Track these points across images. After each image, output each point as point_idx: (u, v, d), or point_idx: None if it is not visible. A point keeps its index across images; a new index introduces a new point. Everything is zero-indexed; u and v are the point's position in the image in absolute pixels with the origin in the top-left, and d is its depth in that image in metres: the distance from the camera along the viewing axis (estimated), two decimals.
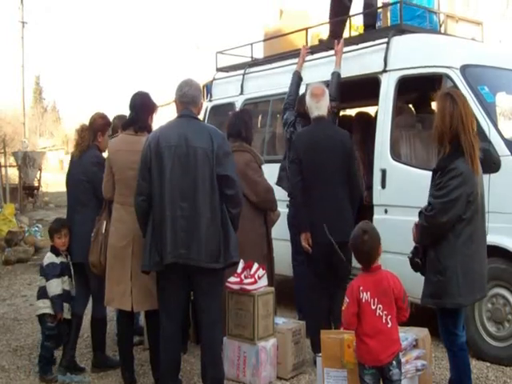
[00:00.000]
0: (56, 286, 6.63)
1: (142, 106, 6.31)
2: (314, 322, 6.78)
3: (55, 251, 6.82)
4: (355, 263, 5.63)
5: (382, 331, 4.77)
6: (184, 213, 5.38)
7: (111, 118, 7.38)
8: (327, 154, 6.91)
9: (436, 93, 5.63)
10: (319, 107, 7.05)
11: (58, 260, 6.75)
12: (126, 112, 6.42)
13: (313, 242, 6.80)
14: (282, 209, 8.11)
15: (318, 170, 6.88)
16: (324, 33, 9.88)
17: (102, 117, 7.27)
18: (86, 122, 7.24)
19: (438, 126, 5.24)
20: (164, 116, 7.28)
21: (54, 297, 6.63)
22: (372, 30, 8.98)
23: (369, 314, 4.77)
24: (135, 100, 6.31)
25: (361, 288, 4.81)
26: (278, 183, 8.36)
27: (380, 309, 4.76)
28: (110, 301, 6.23)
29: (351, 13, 9.49)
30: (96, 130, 7.13)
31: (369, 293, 4.78)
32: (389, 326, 4.78)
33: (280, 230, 7.89)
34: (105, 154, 6.80)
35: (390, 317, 4.78)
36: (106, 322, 7.10)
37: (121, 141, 6.29)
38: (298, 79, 8.67)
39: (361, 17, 9.35)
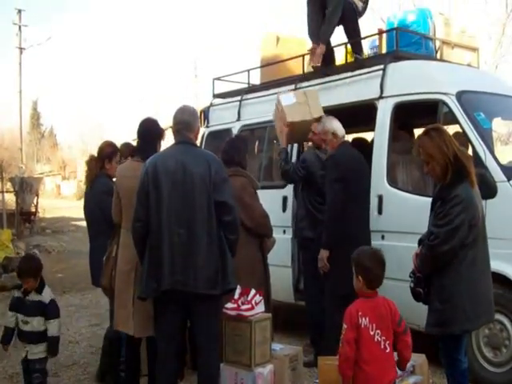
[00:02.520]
0: (8, 318, 6.57)
1: (149, 133, 6.34)
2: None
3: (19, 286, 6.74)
4: None
5: (380, 357, 4.75)
6: (181, 239, 5.37)
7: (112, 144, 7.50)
8: (364, 174, 7.37)
9: (433, 118, 5.67)
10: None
11: (16, 294, 6.68)
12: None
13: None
14: (279, 234, 8.12)
15: (358, 189, 7.24)
16: None
17: (109, 145, 7.51)
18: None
19: (439, 160, 5.25)
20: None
21: (4, 327, 6.62)
22: (359, 57, 9.05)
23: (367, 340, 4.74)
24: (142, 127, 6.36)
25: (359, 313, 4.77)
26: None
27: (378, 334, 4.74)
28: (116, 324, 6.25)
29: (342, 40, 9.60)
30: (103, 158, 7.35)
31: (367, 318, 4.76)
32: (387, 351, 4.76)
33: (278, 256, 7.88)
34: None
35: (388, 342, 4.76)
36: (119, 341, 7.08)
37: (126, 167, 6.36)
38: (286, 155, 8.39)
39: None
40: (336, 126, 7.38)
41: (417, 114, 8.88)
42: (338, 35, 9.67)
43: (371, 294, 4.88)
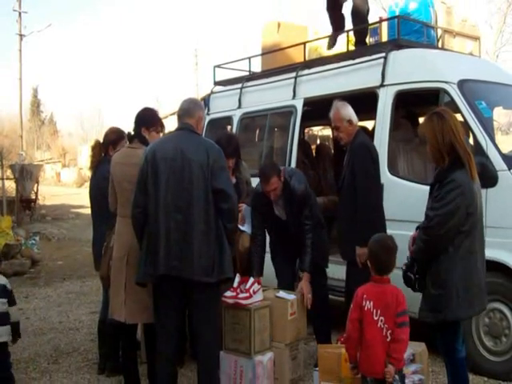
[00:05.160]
0: None
1: (140, 119, 6.31)
2: None
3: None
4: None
5: (381, 343, 4.78)
6: (178, 225, 5.39)
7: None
8: None
9: (433, 108, 5.64)
10: None
11: None
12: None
13: None
14: None
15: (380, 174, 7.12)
16: (324, 47, 9.91)
17: (114, 131, 7.50)
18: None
19: (433, 145, 5.24)
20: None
21: None
22: (363, 45, 9.04)
23: (371, 324, 4.81)
24: (136, 114, 6.33)
25: (364, 296, 4.87)
26: None
27: (382, 321, 4.78)
28: (111, 313, 6.21)
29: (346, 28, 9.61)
30: (107, 144, 7.37)
31: (372, 302, 4.83)
32: (388, 339, 4.78)
33: None
34: None
35: (389, 331, 4.77)
36: (116, 329, 7.05)
37: (120, 154, 6.33)
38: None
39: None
40: (351, 112, 7.02)
41: (418, 102, 8.87)
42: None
43: (381, 279, 4.91)
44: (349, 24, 9.61)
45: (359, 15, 9.26)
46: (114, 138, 7.34)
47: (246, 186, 7.54)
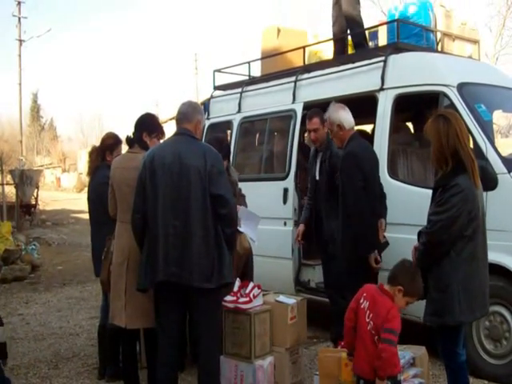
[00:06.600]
0: None
1: (142, 124, 6.31)
2: None
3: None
4: None
5: (369, 346, 4.81)
6: (176, 231, 5.37)
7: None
8: (378, 162, 7.22)
9: (433, 111, 5.62)
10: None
11: None
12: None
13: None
14: (279, 226, 8.06)
15: (377, 179, 7.12)
16: (324, 51, 9.92)
17: (111, 136, 7.51)
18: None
19: (437, 148, 5.22)
20: None
21: None
22: (362, 48, 9.04)
23: (362, 324, 4.87)
24: (138, 119, 6.34)
25: (364, 294, 4.95)
26: None
27: (371, 325, 4.80)
28: (112, 317, 6.20)
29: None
30: (105, 149, 7.37)
31: (368, 303, 4.87)
32: (374, 345, 4.78)
33: (278, 248, 7.84)
34: None
35: (376, 338, 4.77)
36: (115, 332, 7.04)
37: (120, 159, 6.37)
38: None
39: None
40: (343, 117, 6.98)
41: (418, 105, 8.86)
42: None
43: (386, 291, 4.92)
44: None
45: (351, 21, 9.27)
46: (111, 143, 7.37)
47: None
